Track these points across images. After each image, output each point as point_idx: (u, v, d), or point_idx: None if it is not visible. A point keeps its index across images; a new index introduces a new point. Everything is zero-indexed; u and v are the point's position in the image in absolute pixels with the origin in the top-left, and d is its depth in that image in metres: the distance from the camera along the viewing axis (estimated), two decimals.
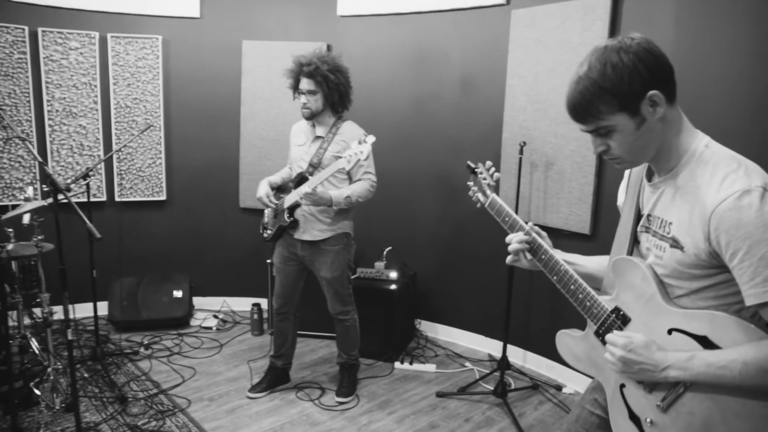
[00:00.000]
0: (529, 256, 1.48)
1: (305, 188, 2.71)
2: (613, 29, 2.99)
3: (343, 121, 2.99)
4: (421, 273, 4.02)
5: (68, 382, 3.05)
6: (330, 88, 2.86)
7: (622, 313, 1.33)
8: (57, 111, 3.94)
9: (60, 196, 2.28)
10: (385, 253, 3.82)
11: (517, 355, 3.63)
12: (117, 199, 4.20)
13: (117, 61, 4.05)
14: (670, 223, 1.23)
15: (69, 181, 3.16)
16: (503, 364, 3.20)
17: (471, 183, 1.77)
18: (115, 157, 4.13)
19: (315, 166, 2.89)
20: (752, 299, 1.09)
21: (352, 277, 3.68)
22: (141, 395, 3.09)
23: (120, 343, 3.76)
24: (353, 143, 2.69)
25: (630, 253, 1.38)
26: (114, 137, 4.10)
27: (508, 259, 1.52)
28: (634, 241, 1.38)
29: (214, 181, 4.37)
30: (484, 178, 1.73)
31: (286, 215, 2.93)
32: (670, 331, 1.22)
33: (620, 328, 1.33)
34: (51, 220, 2.33)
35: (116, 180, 4.17)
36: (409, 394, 3.25)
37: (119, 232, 4.24)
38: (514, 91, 3.42)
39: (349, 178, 2.94)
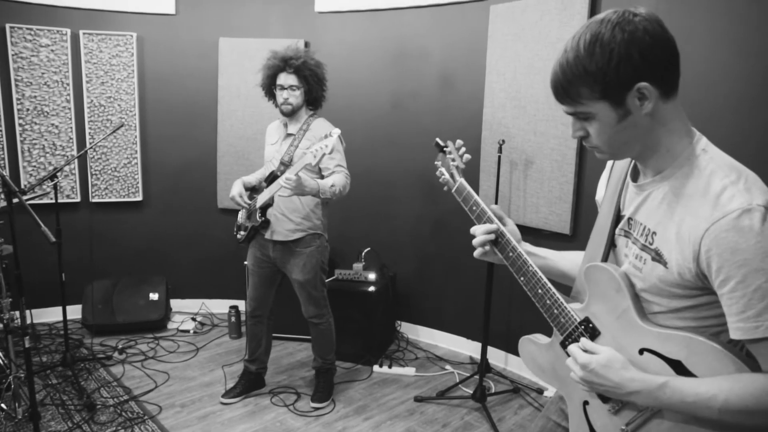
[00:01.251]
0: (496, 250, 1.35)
1: (288, 174, 2.57)
2: None
3: (314, 118, 2.92)
4: (402, 274, 3.94)
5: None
6: (314, 84, 2.81)
7: (591, 325, 1.21)
8: (28, 110, 3.84)
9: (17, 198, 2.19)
10: (363, 254, 3.74)
11: (498, 358, 3.56)
12: (92, 200, 4.10)
13: (90, 59, 3.96)
14: (654, 233, 1.09)
15: (33, 182, 3.06)
16: (482, 367, 3.13)
17: (438, 163, 1.60)
18: (89, 156, 4.03)
19: (286, 164, 2.81)
20: (740, 333, 0.97)
21: (330, 279, 3.62)
22: (111, 402, 3.00)
23: (92, 347, 3.67)
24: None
25: (605, 257, 1.25)
26: (88, 137, 4.01)
27: (476, 252, 1.39)
28: (611, 245, 1.25)
29: (192, 181, 4.29)
30: (453, 159, 1.55)
31: (258, 215, 2.86)
32: (641, 351, 1.11)
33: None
34: (17, 222, 2.23)
35: (90, 180, 4.07)
36: (386, 398, 3.17)
37: (93, 233, 4.15)
38: (493, 87, 3.35)
39: (320, 174, 2.87)
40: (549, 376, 1.36)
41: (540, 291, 1.28)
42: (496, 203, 3.20)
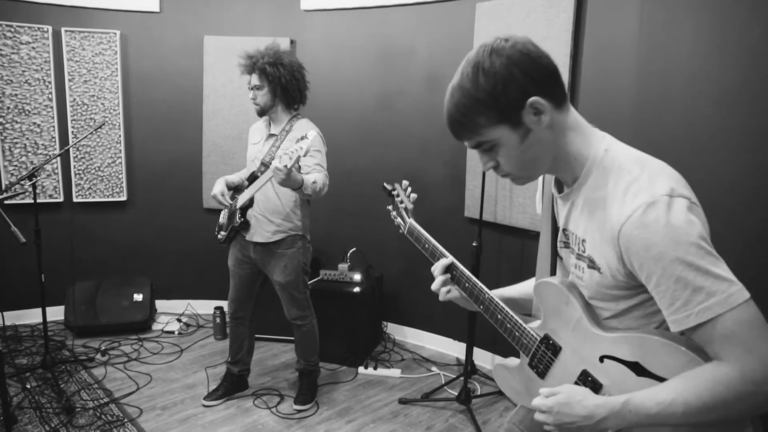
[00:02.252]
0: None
1: (276, 163, 2.43)
2: (578, 22, 2.90)
3: (298, 119, 2.88)
4: (388, 274, 3.91)
5: (13, 393, 2.92)
6: (282, 83, 2.74)
7: (551, 342, 1.21)
8: (8, 108, 3.79)
9: None
10: (348, 254, 3.70)
11: (485, 359, 3.53)
12: (75, 199, 4.05)
13: (72, 57, 3.90)
14: (584, 241, 1.10)
15: (13, 181, 3.01)
16: (467, 369, 3.10)
17: (390, 207, 1.62)
18: (72, 156, 3.98)
19: (267, 165, 2.77)
20: (675, 326, 0.96)
21: (315, 279, 3.59)
22: (91, 405, 2.96)
23: (73, 349, 3.62)
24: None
25: (553, 270, 1.26)
26: (71, 136, 3.95)
27: (440, 295, 1.42)
28: (556, 257, 1.25)
29: (177, 181, 4.24)
30: (401, 201, 1.59)
31: (237, 215, 2.82)
32: (601, 359, 1.10)
33: (551, 360, 1.21)
34: None
35: (74, 180, 4.02)
36: (371, 400, 3.14)
37: (77, 233, 4.10)
38: None
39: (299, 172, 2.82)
40: (524, 398, 1.33)
41: (499, 317, 1.30)
42: (482, 203, 3.17)
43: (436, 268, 1.40)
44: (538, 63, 1.02)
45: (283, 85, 2.75)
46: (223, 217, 2.99)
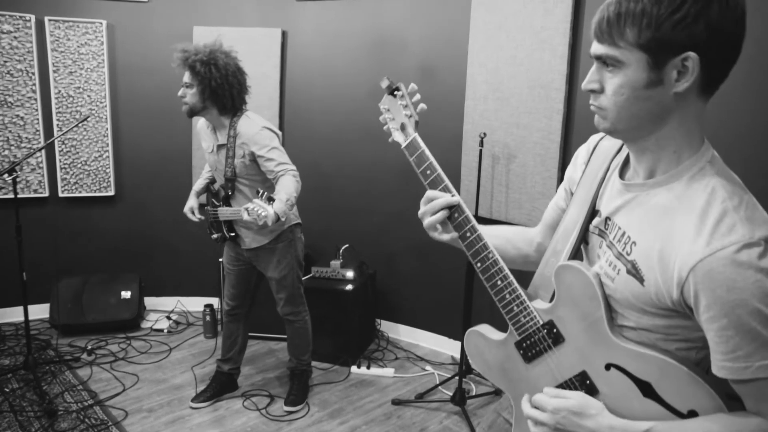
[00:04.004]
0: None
1: (247, 218, 2.33)
2: (577, 13, 2.80)
3: (238, 118, 2.65)
4: (382, 271, 3.82)
5: None
6: (201, 82, 2.54)
7: (555, 330, 1.09)
8: None
9: None
10: (341, 251, 3.62)
11: None
12: (61, 194, 3.94)
13: (57, 47, 3.78)
14: (634, 243, 0.96)
15: None
16: (462, 368, 3.02)
17: (385, 107, 1.28)
18: (57, 150, 3.87)
19: (232, 180, 2.68)
20: (725, 372, 0.86)
21: (306, 276, 3.50)
22: (74, 407, 2.87)
23: (57, 348, 3.53)
24: (251, 204, 2.34)
25: (575, 253, 1.11)
26: (56, 129, 3.84)
27: (430, 231, 1.18)
28: (582, 241, 1.11)
29: (166, 175, 4.13)
30: (405, 105, 1.24)
31: (226, 231, 2.79)
32: (608, 366, 1.01)
33: (547, 348, 1.11)
34: None
35: (59, 174, 3.91)
36: (363, 401, 3.06)
37: (63, 229, 4.00)
38: (475, 79, 3.22)
39: (262, 176, 2.70)
40: (496, 375, 1.22)
41: (500, 283, 1.12)
42: (477, 199, 3.08)
43: (437, 201, 1.14)
44: (733, 29, 0.85)
45: (213, 88, 2.54)
46: (208, 217, 2.93)
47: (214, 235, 2.90)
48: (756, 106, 2.31)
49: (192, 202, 2.92)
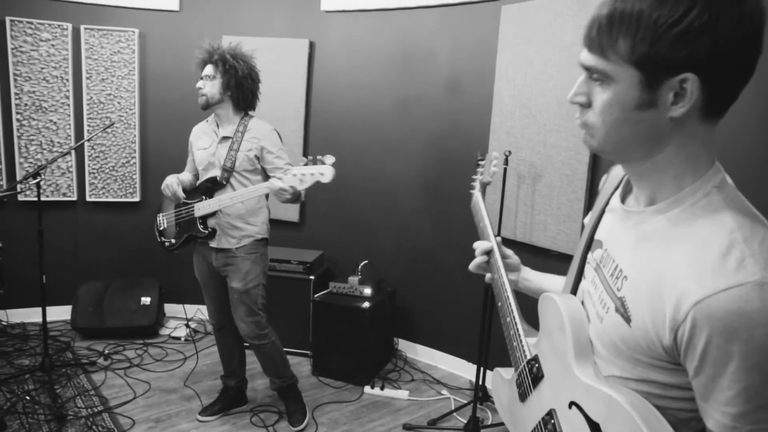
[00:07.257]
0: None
1: (279, 183, 2.37)
2: None
3: (250, 118, 2.74)
4: (402, 289, 3.72)
5: (7, 398, 2.85)
6: (226, 72, 2.60)
7: (537, 365, 1.00)
8: (26, 105, 3.77)
9: None
10: (360, 267, 3.53)
11: None
12: (88, 198, 4.00)
13: (91, 55, 3.86)
14: (625, 278, 0.83)
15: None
16: (477, 394, 2.88)
17: (475, 176, 1.61)
18: (86, 155, 3.94)
19: (230, 170, 2.64)
20: (718, 428, 0.72)
21: (324, 291, 3.44)
22: (83, 413, 2.86)
23: (75, 351, 3.55)
24: (305, 167, 2.36)
25: (575, 287, 1.02)
26: (86, 134, 3.91)
27: (470, 265, 1.37)
28: (581, 274, 1.01)
29: None
30: (481, 173, 1.57)
31: (200, 225, 2.68)
32: (570, 404, 0.89)
33: (531, 385, 1.01)
34: (13, 219, 2.10)
35: (87, 179, 3.97)
36: (373, 424, 2.96)
37: (89, 233, 4.06)
38: (502, 95, 3.11)
39: (264, 173, 2.70)
40: (506, 414, 1.17)
41: (507, 319, 1.16)
42: (500, 219, 2.96)
43: (478, 247, 1.35)
44: (745, 46, 0.71)
45: (239, 79, 2.62)
46: (165, 223, 2.85)
47: (171, 241, 2.80)
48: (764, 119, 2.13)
49: (177, 179, 2.75)
